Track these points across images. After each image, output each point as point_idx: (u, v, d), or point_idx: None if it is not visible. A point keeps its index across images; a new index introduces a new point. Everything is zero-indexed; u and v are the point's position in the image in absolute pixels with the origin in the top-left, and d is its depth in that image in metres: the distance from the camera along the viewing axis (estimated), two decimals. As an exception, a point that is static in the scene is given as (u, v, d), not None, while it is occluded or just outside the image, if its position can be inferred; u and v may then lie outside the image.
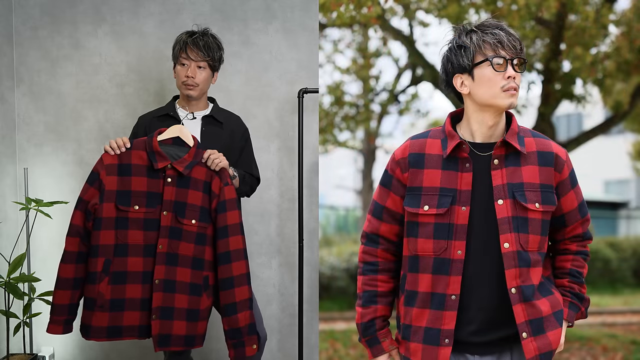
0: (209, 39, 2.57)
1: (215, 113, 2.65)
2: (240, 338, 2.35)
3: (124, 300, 2.32)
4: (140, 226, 2.33)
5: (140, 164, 2.35)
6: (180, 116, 2.60)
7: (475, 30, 1.73)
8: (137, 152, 2.35)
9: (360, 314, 1.87)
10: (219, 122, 2.63)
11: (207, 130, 2.60)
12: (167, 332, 2.33)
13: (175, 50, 2.57)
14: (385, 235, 1.87)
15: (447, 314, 1.74)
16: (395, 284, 1.89)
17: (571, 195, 1.82)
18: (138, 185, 2.34)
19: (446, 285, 1.74)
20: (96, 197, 2.33)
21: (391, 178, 1.84)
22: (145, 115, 2.69)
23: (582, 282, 1.87)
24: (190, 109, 2.62)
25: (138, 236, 2.33)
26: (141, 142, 2.37)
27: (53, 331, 2.37)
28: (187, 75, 2.53)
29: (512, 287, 1.71)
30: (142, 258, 2.33)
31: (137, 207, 2.32)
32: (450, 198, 1.74)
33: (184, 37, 2.56)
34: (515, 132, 1.77)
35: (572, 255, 1.87)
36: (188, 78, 2.53)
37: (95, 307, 2.31)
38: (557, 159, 1.78)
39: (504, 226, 1.72)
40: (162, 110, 2.66)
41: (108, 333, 2.33)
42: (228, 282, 2.34)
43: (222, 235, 2.35)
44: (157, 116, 2.62)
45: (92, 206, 2.32)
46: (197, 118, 2.62)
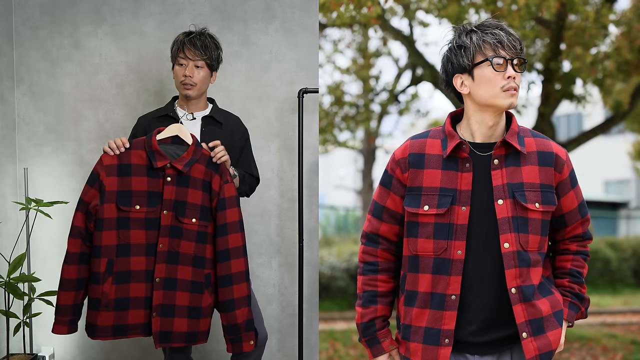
0: (207, 38, 2.57)
1: (214, 113, 2.65)
2: (238, 334, 2.37)
3: (128, 299, 2.34)
4: (142, 225, 2.34)
5: (140, 164, 2.35)
6: (180, 116, 2.60)
7: (475, 30, 1.74)
8: (136, 152, 2.35)
9: (360, 314, 1.87)
10: (218, 123, 2.63)
11: (206, 130, 2.60)
12: (168, 329, 2.35)
13: (173, 51, 2.57)
14: (385, 235, 1.87)
15: (447, 314, 1.74)
16: (395, 284, 1.89)
17: (571, 196, 1.82)
18: (138, 185, 2.34)
19: (446, 285, 1.74)
20: (97, 198, 2.33)
21: (391, 178, 1.84)
22: (145, 116, 2.68)
23: (582, 282, 1.87)
24: (190, 109, 2.62)
25: (140, 236, 2.34)
26: (140, 142, 2.37)
27: (58, 331, 2.37)
28: (185, 74, 2.53)
29: (512, 287, 1.71)
30: (145, 257, 2.34)
31: (138, 206, 2.33)
32: (450, 198, 1.75)
33: (181, 37, 2.57)
34: (515, 132, 1.77)
35: (572, 255, 1.87)
36: (186, 77, 2.53)
37: (100, 307, 2.32)
38: (557, 159, 1.78)
39: (504, 226, 1.72)
40: (161, 110, 2.66)
41: (113, 332, 2.34)
42: (227, 279, 2.36)
43: (221, 232, 2.36)
44: (156, 117, 2.62)
45: (93, 207, 2.32)
46: (197, 118, 2.61)
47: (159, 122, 2.58)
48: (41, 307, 3.25)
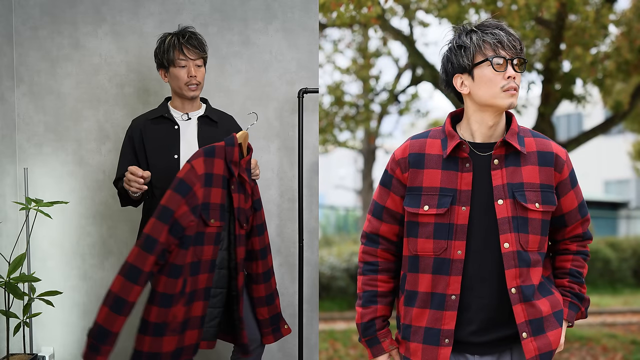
0: (197, 35, 2.57)
1: (209, 113, 2.64)
2: (278, 322, 2.55)
3: (189, 319, 2.20)
4: (212, 241, 2.23)
5: (219, 174, 2.24)
6: (175, 117, 2.59)
7: (475, 30, 1.74)
8: (219, 161, 2.23)
9: (360, 314, 1.88)
10: (214, 122, 2.63)
11: (203, 130, 2.59)
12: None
13: (169, 54, 2.50)
14: (385, 235, 1.87)
15: (447, 314, 1.74)
16: (395, 284, 1.89)
17: (571, 196, 1.82)
18: (216, 197, 2.22)
19: (446, 285, 1.74)
20: (186, 210, 2.11)
21: (391, 178, 1.84)
22: (139, 118, 2.64)
23: (582, 282, 1.87)
24: (184, 110, 2.60)
25: (209, 251, 2.22)
26: (221, 150, 2.24)
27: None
28: (191, 75, 2.51)
29: (512, 287, 1.71)
30: (207, 274, 2.23)
31: (213, 220, 2.22)
32: (450, 198, 1.74)
33: (174, 40, 2.51)
34: (516, 132, 1.77)
35: (572, 255, 1.87)
36: (191, 78, 2.51)
37: (168, 332, 2.11)
38: (557, 159, 1.78)
39: (504, 226, 1.72)
40: (155, 112, 2.62)
41: (172, 357, 2.17)
42: (268, 273, 2.52)
43: (260, 231, 2.48)
44: (150, 118, 2.59)
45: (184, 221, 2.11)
46: (193, 118, 2.60)
47: (153, 124, 2.56)
48: (41, 307, 3.25)
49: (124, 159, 2.58)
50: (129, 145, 2.57)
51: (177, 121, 2.57)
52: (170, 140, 2.54)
